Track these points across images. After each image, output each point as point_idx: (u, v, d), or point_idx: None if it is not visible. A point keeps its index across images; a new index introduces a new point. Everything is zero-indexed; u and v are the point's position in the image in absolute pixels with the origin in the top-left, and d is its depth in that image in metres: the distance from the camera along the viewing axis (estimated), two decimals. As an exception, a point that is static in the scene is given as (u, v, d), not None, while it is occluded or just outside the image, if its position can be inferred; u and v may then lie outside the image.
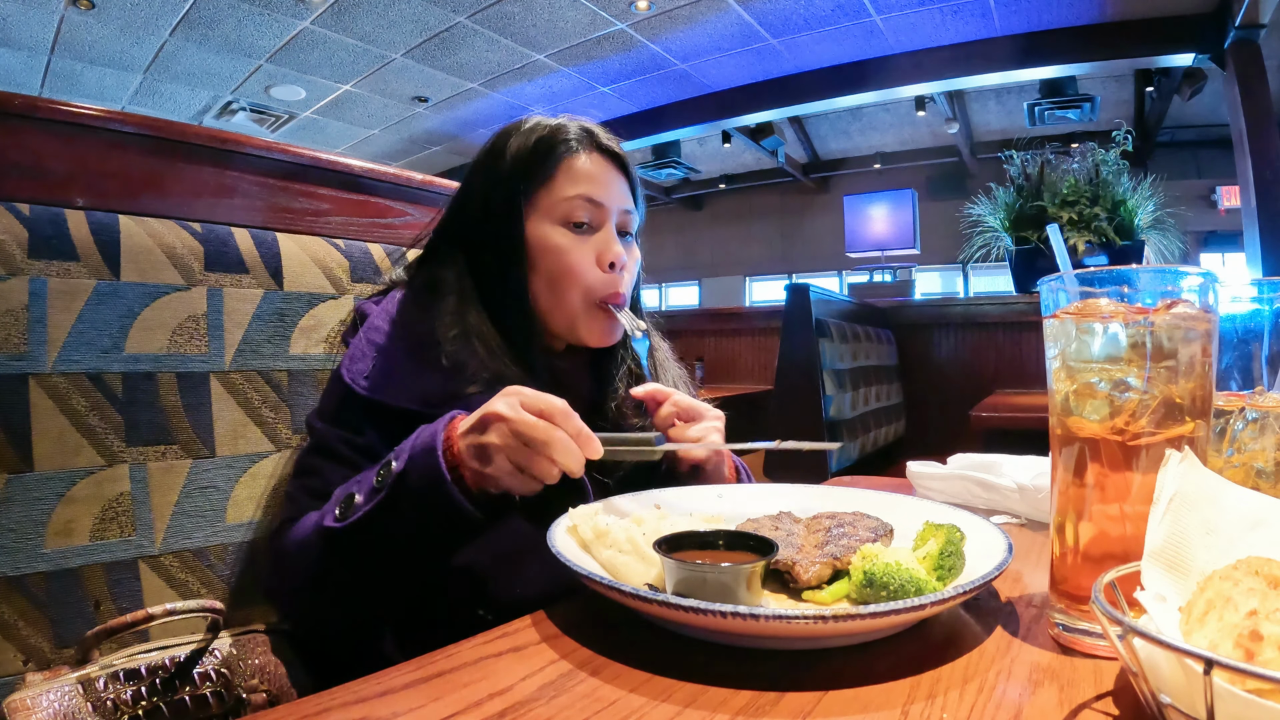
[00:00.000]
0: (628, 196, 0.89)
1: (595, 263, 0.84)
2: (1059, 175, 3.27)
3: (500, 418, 0.63)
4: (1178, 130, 6.91)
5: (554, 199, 0.84)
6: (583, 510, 0.64)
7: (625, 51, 5.70)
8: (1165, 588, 0.40)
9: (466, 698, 0.41)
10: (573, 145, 0.86)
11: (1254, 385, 0.59)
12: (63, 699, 0.56)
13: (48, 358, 0.72)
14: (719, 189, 9.64)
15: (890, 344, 3.37)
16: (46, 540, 0.71)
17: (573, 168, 0.85)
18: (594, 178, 0.85)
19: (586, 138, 0.87)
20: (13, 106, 0.75)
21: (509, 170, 0.85)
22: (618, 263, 0.84)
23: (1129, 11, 4.89)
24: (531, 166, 0.84)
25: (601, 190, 0.85)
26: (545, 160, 0.85)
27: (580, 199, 0.84)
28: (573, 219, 0.84)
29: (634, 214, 0.90)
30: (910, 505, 0.70)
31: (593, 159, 0.86)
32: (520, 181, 0.84)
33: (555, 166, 0.85)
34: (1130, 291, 0.48)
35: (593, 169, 0.86)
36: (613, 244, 0.85)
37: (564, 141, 0.86)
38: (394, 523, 0.65)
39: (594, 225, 0.86)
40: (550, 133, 0.86)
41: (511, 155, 0.86)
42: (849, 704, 0.40)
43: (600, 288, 0.84)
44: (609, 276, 0.84)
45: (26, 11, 4.64)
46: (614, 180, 0.87)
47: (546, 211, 0.84)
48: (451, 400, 0.74)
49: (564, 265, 0.83)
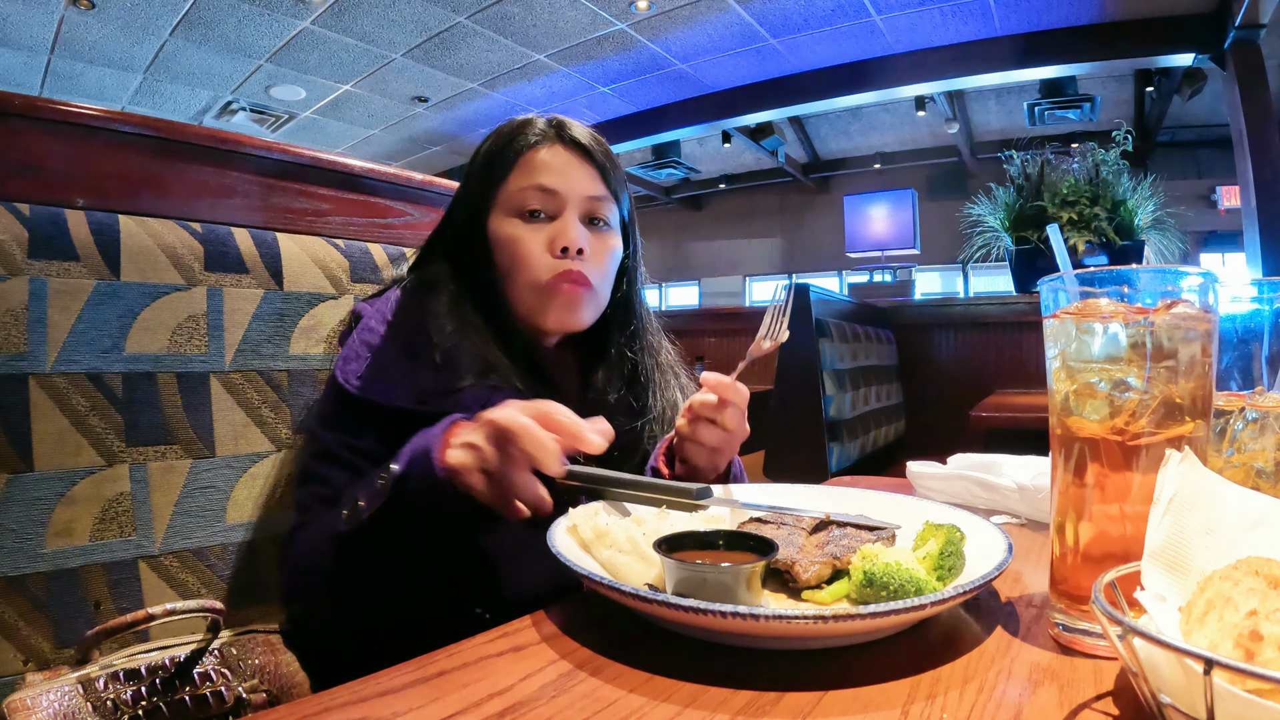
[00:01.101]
0: (595, 183, 0.86)
1: (546, 248, 0.83)
2: (1059, 175, 3.26)
3: (488, 420, 0.62)
4: (1178, 130, 6.92)
5: (509, 191, 0.84)
6: (583, 510, 0.64)
7: (625, 51, 5.70)
8: (1165, 588, 0.40)
9: (466, 698, 0.41)
10: (531, 139, 0.85)
11: (1254, 385, 0.59)
12: (63, 699, 0.56)
13: (48, 358, 0.72)
14: (719, 189, 9.64)
15: (890, 344, 3.37)
16: (46, 540, 0.71)
17: (529, 160, 0.84)
18: (550, 167, 0.84)
19: (552, 131, 0.86)
20: (13, 106, 0.75)
21: (477, 170, 0.87)
22: (571, 247, 0.82)
23: (1129, 11, 4.89)
24: (493, 164, 0.85)
25: (557, 178, 0.84)
26: (503, 156, 0.85)
27: (532, 188, 0.83)
28: (526, 207, 0.83)
29: (606, 200, 0.87)
30: (910, 505, 0.70)
31: (554, 150, 0.85)
32: (485, 180, 0.85)
33: (513, 161, 0.85)
34: (1130, 291, 0.48)
35: (550, 159, 0.85)
36: (568, 229, 0.83)
37: (523, 135, 0.85)
38: (398, 524, 0.65)
39: (549, 213, 0.84)
40: (513, 129, 0.86)
41: (481, 156, 0.87)
42: (849, 704, 0.40)
43: (549, 270, 0.82)
44: (559, 261, 0.82)
45: (26, 11, 4.64)
46: (576, 168, 0.85)
47: (504, 204, 0.85)
48: (445, 395, 0.74)
49: (515, 254, 0.83)
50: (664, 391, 0.94)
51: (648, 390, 0.92)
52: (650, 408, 0.91)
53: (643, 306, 0.96)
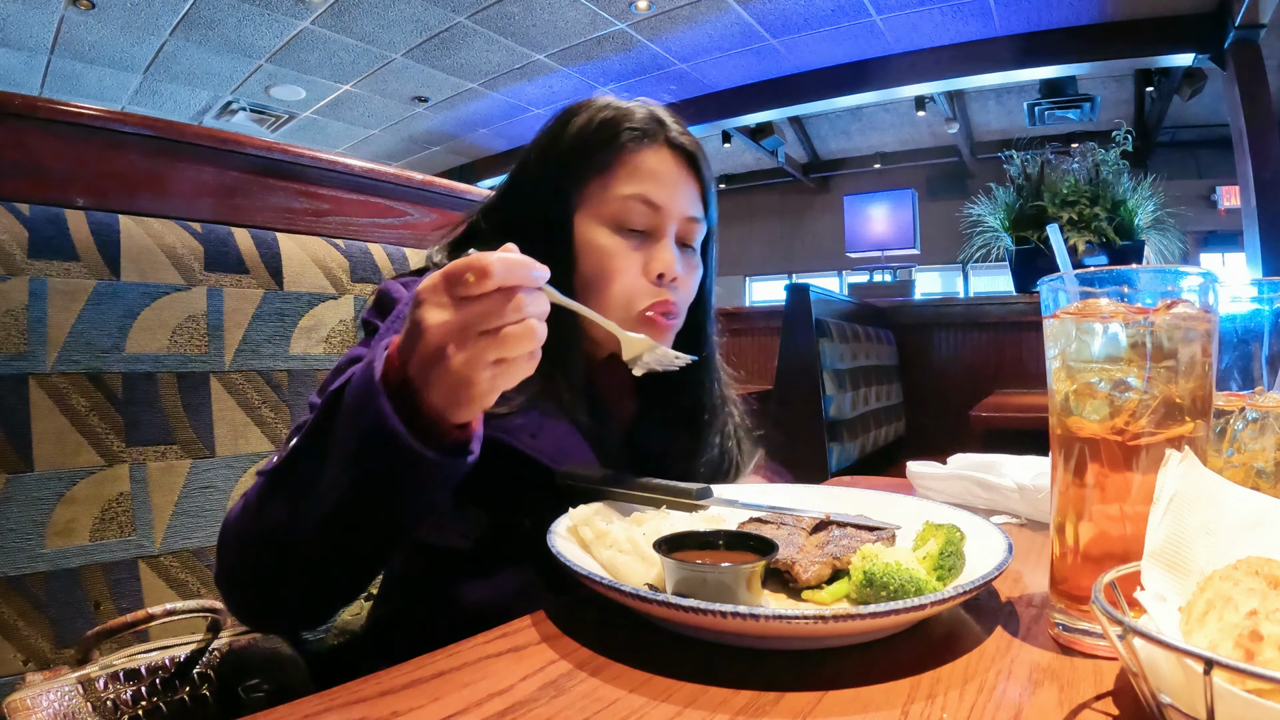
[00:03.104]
0: (695, 202, 0.78)
1: (642, 272, 0.74)
2: (1059, 175, 3.27)
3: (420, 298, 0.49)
4: (1178, 130, 6.91)
5: (608, 195, 0.74)
6: (583, 510, 0.63)
7: (625, 51, 5.70)
8: (1165, 588, 0.40)
9: (466, 698, 0.41)
10: (638, 134, 0.75)
11: (1254, 385, 0.59)
12: (63, 699, 0.56)
13: (48, 358, 0.72)
14: (719, 189, 9.61)
15: (890, 344, 3.37)
16: (46, 540, 0.71)
17: (635, 163, 0.74)
18: (657, 176, 0.75)
19: (656, 127, 0.76)
20: (13, 106, 0.75)
21: (565, 154, 0.76)
22: (667, 274, 0.74)
23: (1129, 11, 4.90)
24: (588, 153, 0.75)
25: (664, 193, 0.75)
26: (605, 148, 0.74)
27: (637, 200, 0.74)
28: (626, 222, 0.74)
29: (701, 223, 0.79)
30: (910, 505, 0.70)
31: (660, 155, 0.76)
32: (575, 168, 0.75)
33: (614, 158, 0.74)
34: (1130, 291, 0.48)
35: (657, 166, 0.75)
36: (664, 253, 0.74)
37: (628, 129, 0.75)
38: (328, 456, 0.52)
39: (649, 233, 0.75)
40: (615, 116, 0.76)
41: (570, 138, 0.76)
42: (849, 704, 0.40)
43: (643, 298, 0.74)
44: (656, 290, 0.74)
45: (26, 11, 4.64)
46: (681, 182, 0.76)
47: (598, 208, 0.75)
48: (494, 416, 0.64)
49: (608, 271, 0.73)
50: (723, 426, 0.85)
51: (708, 430, 0.83)
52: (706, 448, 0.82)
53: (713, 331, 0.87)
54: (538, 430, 0.67)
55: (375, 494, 0.52)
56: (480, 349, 0.48)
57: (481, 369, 0.48)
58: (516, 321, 0.48)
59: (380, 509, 0.54)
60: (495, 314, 0.47)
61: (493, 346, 0.48)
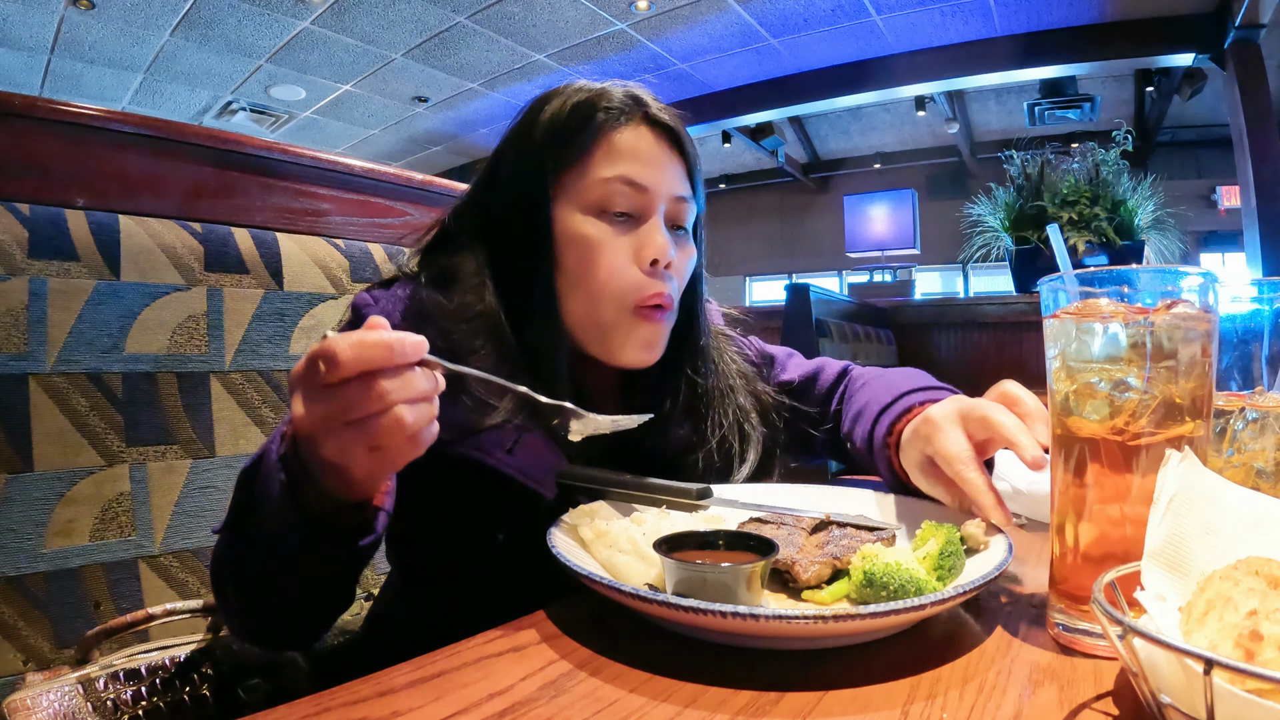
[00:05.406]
0: (682, 180, 0.74)
1: (633, 260, 0.70)
2: (1059, 175, 3.26)
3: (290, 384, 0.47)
4: (1178, 130, 6.91)
5: (587, 180, 0.70)
6: (583, 510, 0.63)
7: (625, 51, 5.70)
8: (1165, 588, 0.40)
9: (466, 698, 0.41)
10: (615, 113, 0.71)
11: (1254, 385, 0.59)
12: (63, 699, 0.56)
13: (48, 358, 0.72)
14: (719, 189, 9.63)
15: (890, 344, 3.36)
16: (46, 540, 0.71)
17: (612, 143, 0.70)
18: (639, 155, 0.70)
19: (633, 105, 0.72)
20: (13, 106, 0.75)
21: (539, 143, 0.71)
22: (661, 258, 0.70)
23: (1129, 11, 4.90)
24: (564, 138, 0.70)
25: (647, 171, 0.70)
26: (581, 131, 0.70)
27: (619, 181, 0.69)
28: (610, 206, 0.70)
29: (690, 202, 0.74)
30: (910, 505, 0.70)
31: (639, 133, 0.71)
32: (551, 157, 0.70)
33: (591, 140, 0.70)
34: (1130, 291, 0.48)
35: (637, 144, 0.71)
36: (656, 235, 0.70)
37: (604, 109, 0.70)
38: (253, 523, 0.52)
39: (636, 215, 0.71)
40: (590, 97, 0.71)
41: (544, 125, 0.71)
42: (849, 704, 0.40)
43: (637, 290, 0.70)
44: (649, 280, 0.70)
45: (26, 11, 4.64)
46: (665, 159, 0.72)
47: (578, 195, 0.70)
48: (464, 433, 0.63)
49: (594, 263, 0.69)
50: (724, 417, 0.80)
51: (706, 419, 0.78)
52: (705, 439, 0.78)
53: (706, 318, 0.83)
54: (512, 445, 0.65)
55: (296, 568, 0.52)
56: (348, 440, 0.45)
57: (354, 458, 0.46)
58: (380, 412, 0.44)
59: (309, 574, 0.53)
60: (356, 404, 0.43)
61: (360, 437, 0.44)
